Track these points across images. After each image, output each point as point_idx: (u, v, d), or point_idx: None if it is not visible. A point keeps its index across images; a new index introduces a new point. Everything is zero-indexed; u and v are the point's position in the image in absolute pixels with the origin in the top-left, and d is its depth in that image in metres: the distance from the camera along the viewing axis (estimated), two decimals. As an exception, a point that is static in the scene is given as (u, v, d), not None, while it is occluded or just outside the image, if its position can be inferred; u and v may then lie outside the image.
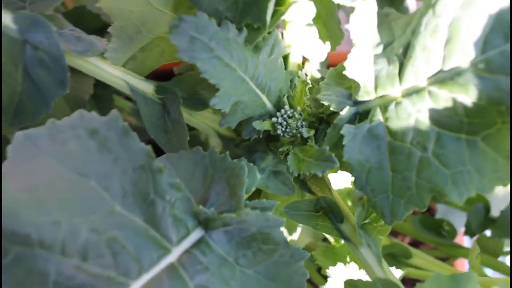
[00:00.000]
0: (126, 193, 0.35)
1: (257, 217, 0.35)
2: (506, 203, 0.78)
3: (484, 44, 0.34)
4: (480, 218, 0.75)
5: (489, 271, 0.69)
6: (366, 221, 0.43)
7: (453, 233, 0.72)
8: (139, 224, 0.35)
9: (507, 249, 0.70)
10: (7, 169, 0.33)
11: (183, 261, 0.35)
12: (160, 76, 0.58)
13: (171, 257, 0.35)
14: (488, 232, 0.72)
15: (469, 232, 0.70)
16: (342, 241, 0.55)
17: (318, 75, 0.51)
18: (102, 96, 0.61)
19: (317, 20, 0.44)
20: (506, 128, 0.36)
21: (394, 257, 0.63)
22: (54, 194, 0.34)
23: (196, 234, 0.37)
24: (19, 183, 0.33)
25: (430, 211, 0.96)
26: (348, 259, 0.55)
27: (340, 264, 0.49)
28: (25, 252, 0.32)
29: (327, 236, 0.59)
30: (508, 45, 0.34)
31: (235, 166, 0.38)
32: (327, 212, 0.45)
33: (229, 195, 0.38)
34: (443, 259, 0.78)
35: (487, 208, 0.76)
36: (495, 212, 0.73)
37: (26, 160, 0.35)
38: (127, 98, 0.78)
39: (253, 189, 0.42)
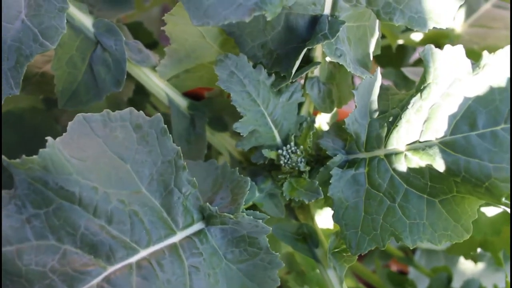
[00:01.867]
0: (152, 180, 0.44)
1: (249, 222, 0.44)
2: (466, 277, 0.86)
3: (454, 128, 0.44)
4: (442, 286, 0.83)
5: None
6: (336, 250, 0.52)
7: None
8: (157, 206, 0.44)
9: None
10: (66, 139, 0.42)
11: (184, 244, 0.44)
12: (192, 96, 0.68)
13: (175, 238, 0.44)
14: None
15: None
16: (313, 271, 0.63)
17: (326, 127, 0.60)
18: (137, 101, 0.71)
19: (332, 80, 0.54)
20: (459, 197, 0.45)
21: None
22: (97, 167, 0.43)
23: (199, 225, 0.45)
24: (73, 151, 0.42)
25: (403, 271, 1.04)
26: None
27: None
28: (65, 205, 0.41)
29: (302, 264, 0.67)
30: (472, 133, 0.43)
31: (241, 179, 0.47)
32: (306, 237, 0.53)
33: (231, 201, 0.47)
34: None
35: (449, 278, 0.84)
36: (456, 283, 0.81)
37: (81, 136, 0.43)
38: (155, 107, 0.88)
39: (251, 203, 0.51)
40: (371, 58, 0.53)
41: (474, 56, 0.46)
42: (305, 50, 0.47)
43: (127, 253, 0.41)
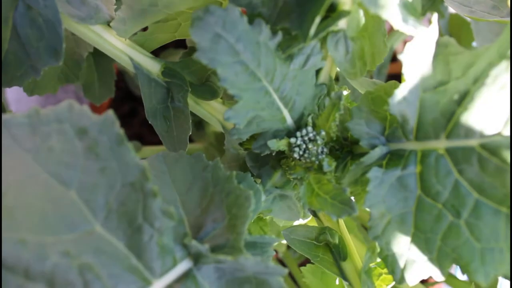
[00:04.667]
0: (110, 212, 0.30)
1: (256, 264, 0.31)
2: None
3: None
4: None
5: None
6: (372, 265, 0.39)
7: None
8: (120, 250, 0.30)
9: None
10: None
11: (164, 298, 0.31)
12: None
13: (151, 291, 0.31)
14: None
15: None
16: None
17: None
18: (100, 59, 0.55)
19: (363, 33, 0.37)
20: (557, 212, 0.31)
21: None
22: (24, 200, 0.29)
23: (183, 265, 0.32)
24: (-14, 185, 0.28)
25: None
26: (337, 282, 0.52)
27: (329, 292, 0.46)
28: (-18, 268, 0.28)
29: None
30: None
31: (241, 193, 0.33)
32: (330, 245, 0.40)
33: (227, 227, 0.33)
34: None
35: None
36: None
37: (-2, 153, 0.29)
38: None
39: (256, 215, 0.37)
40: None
41: None
42: (329, -3, 0.30)
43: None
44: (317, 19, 0.30)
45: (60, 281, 0.28)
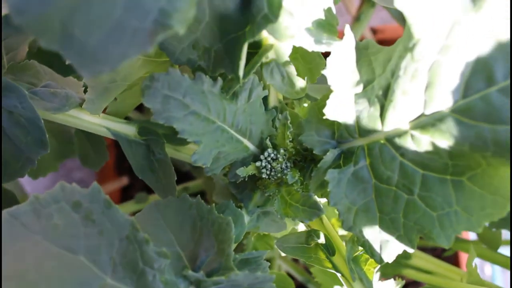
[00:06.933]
0: (116, 265, 0.36)
1: (246, 277, 0.36)
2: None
3: (465, 88, 0.33)
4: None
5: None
6: (358, 253, 0.44)
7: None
8: (132, 294, 0.36)
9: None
10: (-4, 253, 0.34)
11: (178, 326, 0.36)
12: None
13: (167, 322, 0.36)
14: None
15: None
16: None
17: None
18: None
19: (294, 55, 0.42)
20: (492, 168, 0.35)
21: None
22: (43, 274, 0.34)
23: (189, 294, 0.37)
24: (10, 269, 0.34)
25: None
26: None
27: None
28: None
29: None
30: (491, 89, 0.32)
31: (222, 221, 0.38)
32: (319, 244, 0.45)
33: (217, 252, 0.38)
34: (441, 249, 0.79)
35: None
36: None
37: (14, 241, 0.35)
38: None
39: (242, 236, 0.42)
40: (334, 10, 0.41)
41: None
42: (247, 41, 0.35)
43: None
44: (242, 63, 0.36)
45: (87, 333, 0.34)
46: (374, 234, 0.39)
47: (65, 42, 0.28)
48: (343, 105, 0.39)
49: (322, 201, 0.45)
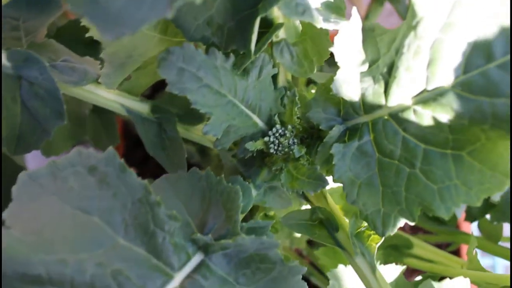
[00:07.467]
0: (128, 226, 0.37)
1: (252, 241, 0.37)
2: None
3: (466, 64, 0.35)
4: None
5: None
6: (361, 229, 0.45)
7: (453, 219, 0.73)
8: (142, 254, 0.37)
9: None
10: (14, 210, 0.36)
11: (186, 287, 0.38)
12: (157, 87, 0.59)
13: (175, 283, 0.37)
14: (488, 217, 0.73)
15: (470, 217, 0.71)
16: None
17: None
18: (99, 110, 0.63)
19: (303, 36, 0.44)
20: (491, 143, 0.36)
21: (396, 248, 0.65)
22: (59, 232, 0.36)
23: (197, 258, 0.39)
24: (26, 225, 0.35)
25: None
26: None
27: (340, 266, 0.51)
28: (37, 290, 0.35)
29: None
30: (490, 65, 0.34)
31: (230, 190, 0.40)
32: (323, 221, 0.46)
33: (225, 219, 0.40)
34: (445, 245, 0.80)
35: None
36: (495, 197, 0.74)
37: (31, 200, 0.37)
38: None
39: (250, 207, 0.44)
40: (343, -5, 0.43)
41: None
42: (259, 16, 0.37)
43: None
44: (254, 38, 0.37)
45: (100, 286, 0.35)
46: (377, 207, 0.41)
47: (90, 7, 0.30)
48: (349, 83, 0.40)
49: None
